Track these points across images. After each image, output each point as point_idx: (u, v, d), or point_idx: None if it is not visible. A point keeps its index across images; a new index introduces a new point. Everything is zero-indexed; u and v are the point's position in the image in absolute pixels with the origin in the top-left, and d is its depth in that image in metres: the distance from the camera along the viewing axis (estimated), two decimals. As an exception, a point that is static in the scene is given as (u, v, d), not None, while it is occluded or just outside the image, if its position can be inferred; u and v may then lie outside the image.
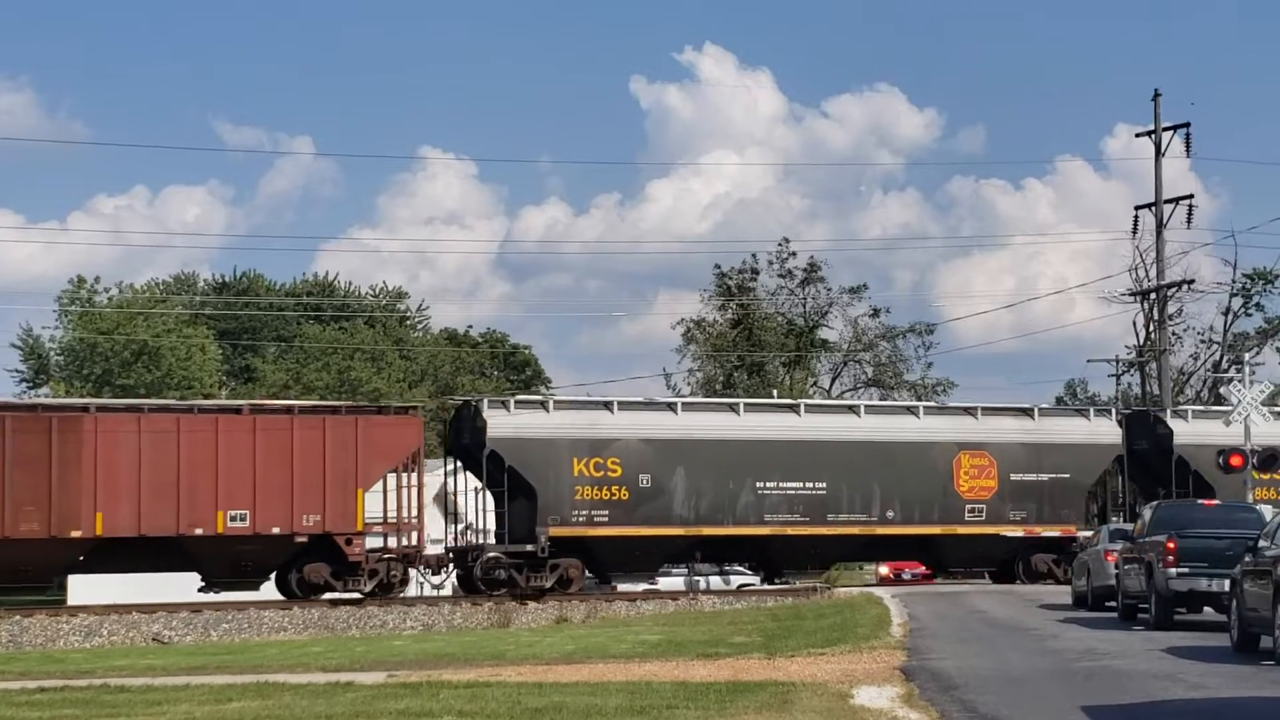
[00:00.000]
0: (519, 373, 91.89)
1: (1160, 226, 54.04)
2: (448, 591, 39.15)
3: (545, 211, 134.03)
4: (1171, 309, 59.24)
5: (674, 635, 27.71)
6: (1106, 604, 29.43)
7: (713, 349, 73.98)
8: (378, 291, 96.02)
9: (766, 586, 41.70)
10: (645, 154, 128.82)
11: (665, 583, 44.73)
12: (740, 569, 48.53)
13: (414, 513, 36.94)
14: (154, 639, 32.94)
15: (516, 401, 40.39)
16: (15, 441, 34.43)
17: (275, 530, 35.63)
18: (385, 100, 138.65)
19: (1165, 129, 53.76)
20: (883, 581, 52.93)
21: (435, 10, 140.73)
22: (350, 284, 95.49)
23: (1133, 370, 68.36)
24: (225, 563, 35.97)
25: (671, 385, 74.81)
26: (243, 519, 35.38)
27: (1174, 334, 62.99)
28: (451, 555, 39.00)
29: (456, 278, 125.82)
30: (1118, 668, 19.12)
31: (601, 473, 38.68)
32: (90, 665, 25.62)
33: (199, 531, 35.22)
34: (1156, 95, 53.67)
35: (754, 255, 76.10)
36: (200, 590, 36.53)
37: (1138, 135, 55.40)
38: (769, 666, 20.96)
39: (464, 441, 39.40)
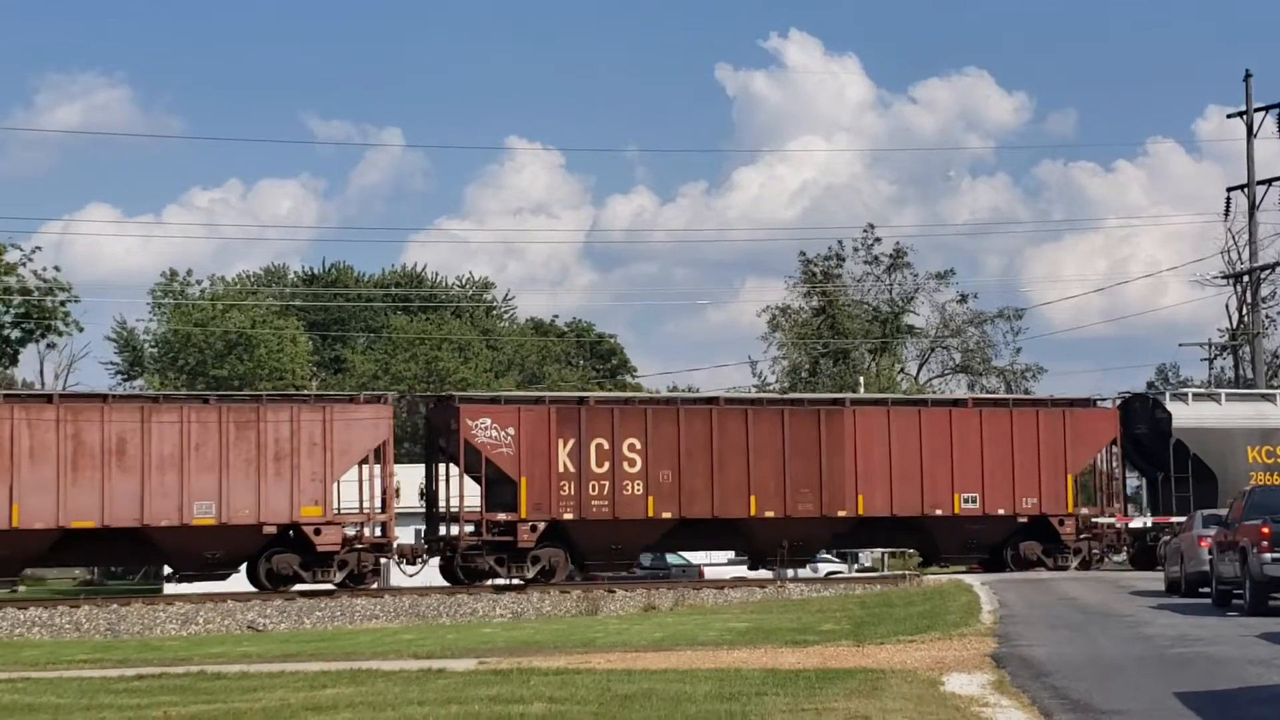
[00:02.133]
0: (605, 361, 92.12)
1: (1253, 208, 53.34)
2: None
3: (632, 200, 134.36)
4: (1265, 291, 58.59)
5: (762, 623, 27.73)
6: (1200, 590, 29.11)
7: (797, 336, 73.82)
8: (464, 282, 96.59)
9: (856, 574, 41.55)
10: (731, 141, 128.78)
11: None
12: (829, 558, 48.45)
13: None
14: (249, 626, 33.35)
15: (1193, 395, 43.13)
16: (792, 432, 38.80)
17: (1000, 511, 39.78)
18: (473, 92, 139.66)
19: (1257, 109, 53.06)
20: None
21: (518, 3, 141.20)
22: (437, 275, 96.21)
23: (1225, 354, 67.57)
24: (955, 540, 40.21)
25: (757, 373, 74.83)
26: (973, 501, 39.57)
27: (1267, 316, 62.21)
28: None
29: (544, 267, 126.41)
30: (1212, 654, 18.93)
31: (1272, 460, 41.01)
32: (187, 652, 26.00)
33: (938, 513, 39.44)
34: (1248, 76, 53.02)
35: (839, 242, 75.92)
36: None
37: (1229, 116, 54.72)
38: (858, 654, 20.94)
39: (1136, 432, 41.99)
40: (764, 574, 40.63)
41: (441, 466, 39.10)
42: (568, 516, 37.36)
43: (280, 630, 33.03)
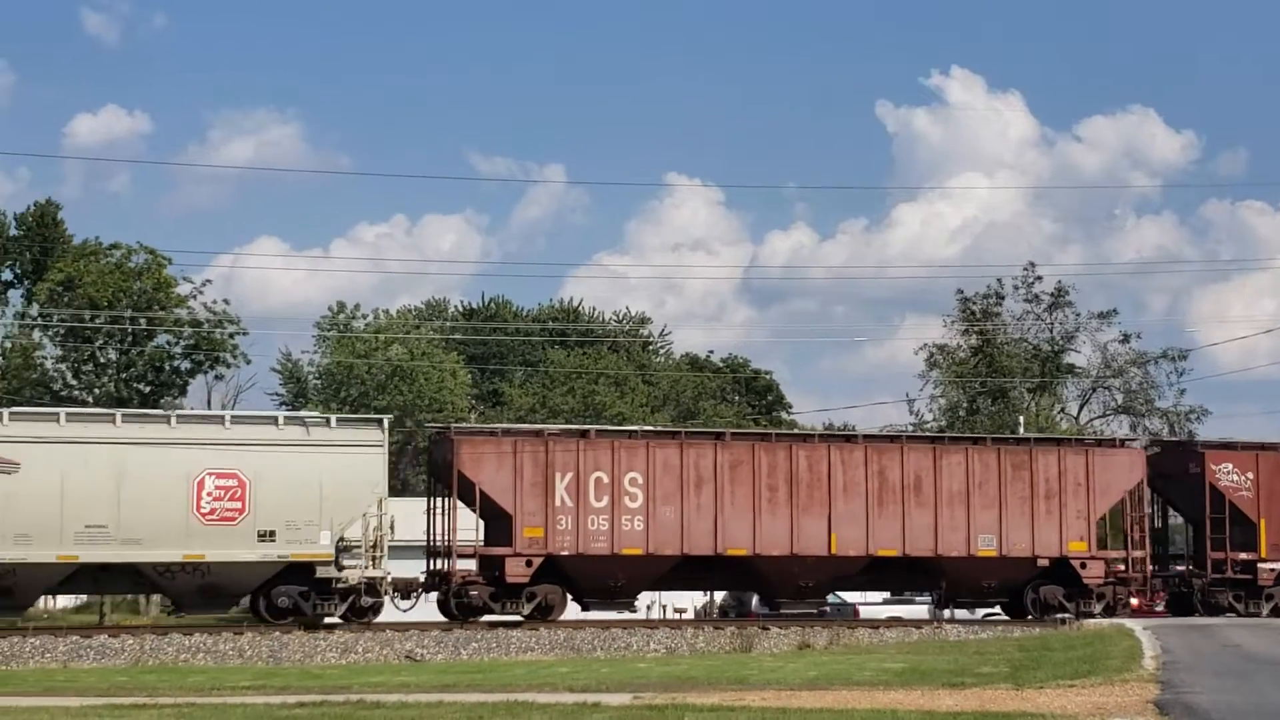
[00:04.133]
0: (760, 398, 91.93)
1: None
2: None
3: (791, 236, 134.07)
4: None
5: (918, 664, 27.48)
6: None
7: (955, 375, 73.10)
8: (621, 317, 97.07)
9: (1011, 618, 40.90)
10: (892, 178, 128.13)
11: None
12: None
13: None
14: (407, 656, 33.74)
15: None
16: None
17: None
18: (634, 128, 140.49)
19: None
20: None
21: (680, 41, 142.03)
22: (594, 309, 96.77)
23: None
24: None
25: (914, 412, 74.19)
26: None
27: None
28: None
29: (701, 304, 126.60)
30: (1384, 707, 18.42)
31: None
32: (346, 681, 26.38)
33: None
34: None
35: (999, 280, 75.11)
36: None
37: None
38: (1017, 697, 20.69)
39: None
40: (919, 613, 40.28)
41: None
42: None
43: (437, 660, 33.38)
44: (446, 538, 36.93)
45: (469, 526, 37.65)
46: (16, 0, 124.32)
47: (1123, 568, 39.71)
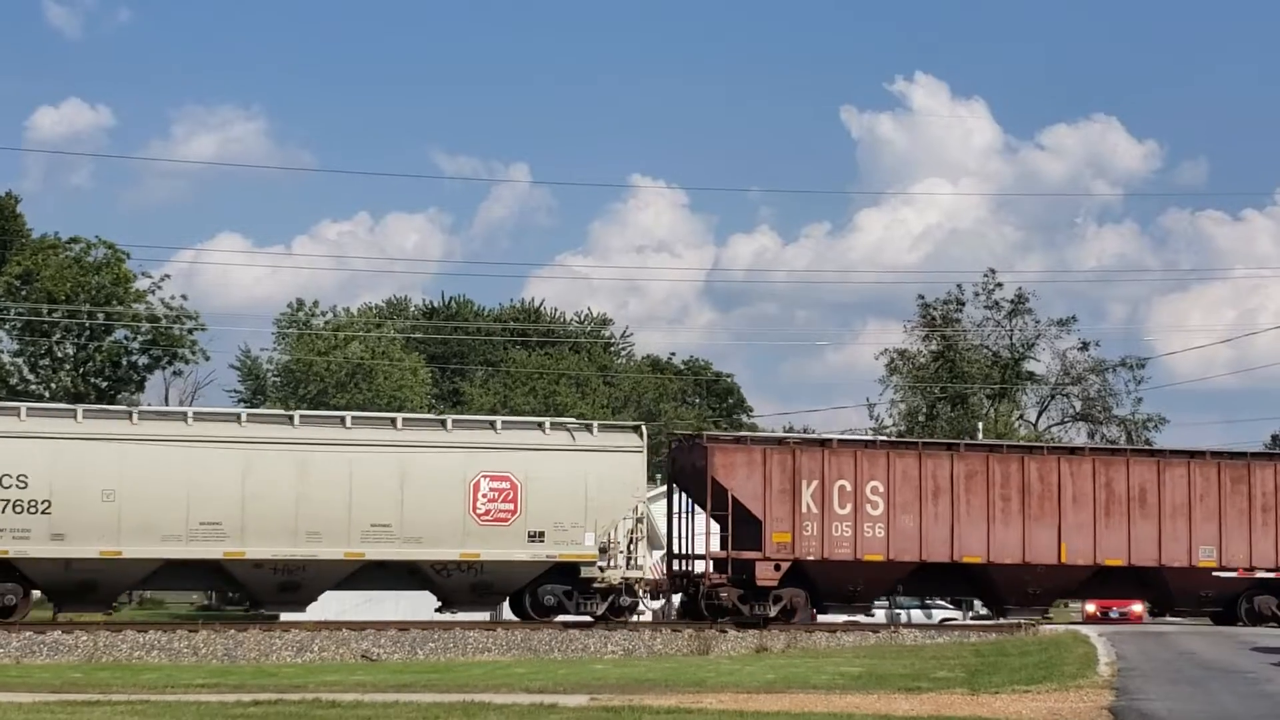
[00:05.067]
0: (722, 400, 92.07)
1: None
2: None
3: (755, 240, 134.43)
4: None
5: (875, 668, 27.53)
6: (1325, 649, 28.51)
7: (915, 380, 73.33)
8: (583, 318, 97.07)
9: (970, 621, 41.15)
10: (856, 183, 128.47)
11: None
12: (943, 603, 47.92)
13: None
14: (363, 656, 33.60)
15: None
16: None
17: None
18: (599, 130, 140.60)
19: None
20: (1088, 620, 51.88)
21: (647, 43, 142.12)
22: (555, 310, 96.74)
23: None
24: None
25: (874, 416, 74.40)
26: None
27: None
28: None
29: (664, 305, 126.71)
30: (1336, 715, 18.53)
31: None
32: (302, 680, 26.25)
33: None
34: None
35: (959, 286, 75.39)
36: None
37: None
38: (973, 702, 20.74)
39: None
40: (880, 619, 40.49)
41: None
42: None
43: (394, 660, 33.25)
44: (690, 542, 38.59)
45: (701, 531, 38.81)
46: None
47: None
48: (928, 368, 73.64)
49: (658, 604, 38.80)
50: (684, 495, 39.13)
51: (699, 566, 38.20)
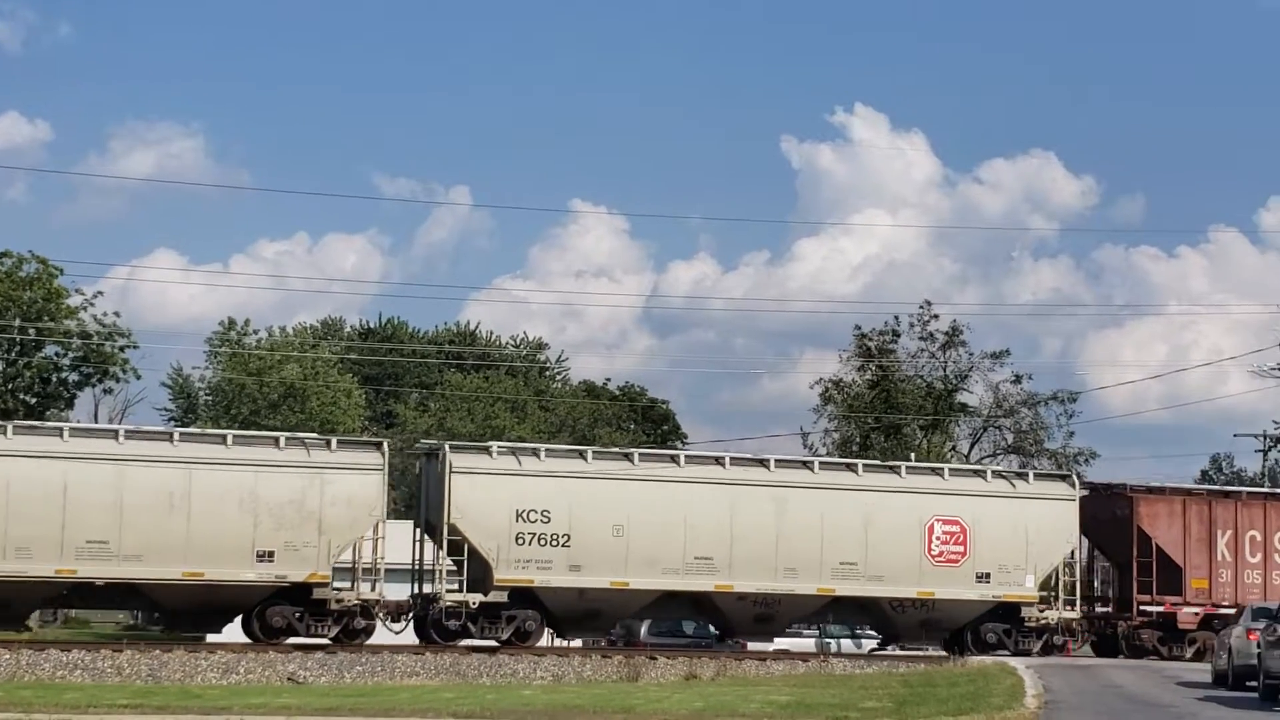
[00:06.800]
0: (657, 427, 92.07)
1: (1314, 301, 53.06)
2: None
3: (694, 267, 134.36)
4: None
5: (804, 696, 27.56)
6: (1247, 684, 28.75)
7: (849, 410, 73.58)
8: (519, 342, 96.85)
9: (898, 652, 41.14)
10: (795, 213, 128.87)
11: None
12: (871, 634, 48.07)
13: None
14: (289, 679, 33.37)
15: None
16: None
17: None
18: (540, 154, 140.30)
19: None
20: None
21: (589, 69, 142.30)
22: (491, 334, 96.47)
23: (1281, 445, 67.00)
24: None
25: (808, 445, 74.53)
26: None
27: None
28: None
29: (602, 331, 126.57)
30: (1257, 749, 18.69)
31: None
32: (227, 702, 26.04)
33: None
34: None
35: (895, 317, 75.77)
36: None
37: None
38: (899, 732, 20.79)
39: None
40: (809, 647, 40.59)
41: None
42: None
43: (320, 684, 33.03)
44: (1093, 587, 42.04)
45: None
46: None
47: None
48: (863, 397, 73.91)
49: (1074, 643, 40.41)
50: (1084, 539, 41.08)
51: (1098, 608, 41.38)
